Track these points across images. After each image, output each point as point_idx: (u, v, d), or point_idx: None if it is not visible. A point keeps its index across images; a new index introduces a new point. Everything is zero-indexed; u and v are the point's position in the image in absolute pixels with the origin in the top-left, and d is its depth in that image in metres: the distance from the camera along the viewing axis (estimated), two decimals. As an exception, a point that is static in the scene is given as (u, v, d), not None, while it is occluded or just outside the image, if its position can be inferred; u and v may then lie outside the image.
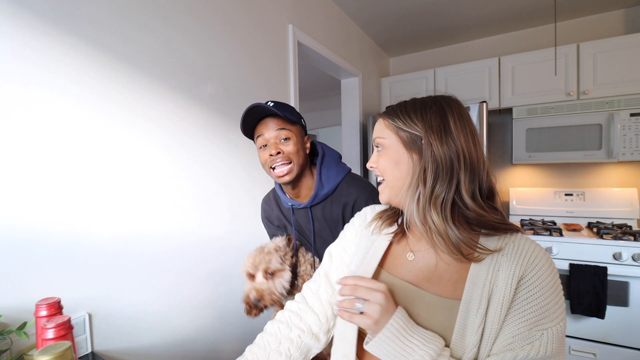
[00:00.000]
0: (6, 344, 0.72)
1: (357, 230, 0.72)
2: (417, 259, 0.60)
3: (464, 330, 0.51)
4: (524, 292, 0.50)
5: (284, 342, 0.68)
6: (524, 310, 0.49)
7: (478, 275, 0.53)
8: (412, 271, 0.60)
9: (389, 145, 0.61)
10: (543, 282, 0.50)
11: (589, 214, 2.24)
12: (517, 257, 0.52)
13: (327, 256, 0.75)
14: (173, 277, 1.12)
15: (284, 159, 0.91)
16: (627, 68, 1.97)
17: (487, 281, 0.51)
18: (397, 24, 2.46)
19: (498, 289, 0.51)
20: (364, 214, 0.74)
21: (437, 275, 0.57)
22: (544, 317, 0.49)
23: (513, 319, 0.50)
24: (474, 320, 0.50)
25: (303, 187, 0.98)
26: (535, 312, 0.49)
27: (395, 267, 0.62)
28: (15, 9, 0.75)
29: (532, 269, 0.51)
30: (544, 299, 0.49)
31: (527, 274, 0.51)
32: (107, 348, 0.93)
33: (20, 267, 0.77)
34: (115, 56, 0.95)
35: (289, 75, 1.71)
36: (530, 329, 0.49)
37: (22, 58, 0.76)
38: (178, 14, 1.13)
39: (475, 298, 0.51)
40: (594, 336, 1.80)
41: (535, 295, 0.50)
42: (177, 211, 1.13)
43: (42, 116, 0.80)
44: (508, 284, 0.50)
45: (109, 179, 0.93)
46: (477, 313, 0.50)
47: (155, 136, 1.06)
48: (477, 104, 2.17)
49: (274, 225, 1.13)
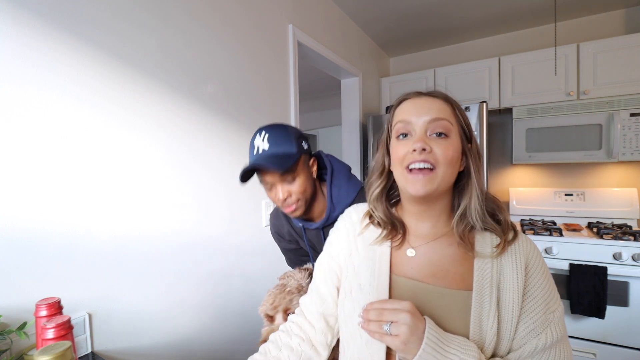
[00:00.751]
0: (6, 344, 0.72)
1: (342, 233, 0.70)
2: (418, 255, 0.60)
3: (480, 320, 0.52)
4: (533, 279, 0.53)
5: (284, 350, 0.68)
6: (536, 296, 0.52)
7: (484, 265, 0.55)
8: (414, 267, 0.59)
9: (454, 134, 0.56)
10: (543, 269, 0.54)
11: (589, 214, 2.24)
12: (517, 247, 0.55)
13: (316, 268, 0.74)
14: (173, 277, 1.12)
15: (294, 200, 0.86)
16: (627, 68, 1.97)
17: (494, 270, 0.54)
18: (397, 24, 2.46)
19: (506, 277, 0.53)
20: (348, 216, 0.72)
21: (442, 270, 0.57)
22: (550, 299, 0.53)
23: (530, 306, 0.52)
24: (489, 309, 0.52)
25: (314, 210, 0.94)
26: (544, 297, 0.52)
27: (398, 267, 0.60)
28: (15, 9, 0.75)
29: (534, 256, 0.55)
30: (549, 283, 0.54)
31: (530, 262, 0.54)
32: (107, 348, 0.93)
33: (20, 267, 0.77)
34: (115, 56, 0.95)
35: (289, 75, 1.71)
36: (545, 313, 0.52)
37: (22, 58, 0.76)
38: (178, 14, 1.13)
39: (486, 286, 0.53)
40: (594, 336, 1.80)
41: (541, 280, 0.53)
42: (177, 211, 1.13)
43: (42, 116, 0.80)
44: (518, 271, 0.53)
45: (109, 179, 0.93)
46: (490, 301, 0.52)
47: (155, 136, 1.06)
48: (477, 104, 2.17)
49: (285, 240, 1.10)
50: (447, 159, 0.54)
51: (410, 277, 0.58)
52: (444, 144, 0.54)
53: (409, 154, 0.55)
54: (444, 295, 0.55)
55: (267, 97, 1.56)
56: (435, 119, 0.55)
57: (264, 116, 1.54)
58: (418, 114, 0.56)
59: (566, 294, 1.84)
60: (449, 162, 0.54)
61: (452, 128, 0.55)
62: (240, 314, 1.39)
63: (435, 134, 0.55)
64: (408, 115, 0.57)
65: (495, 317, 0.51)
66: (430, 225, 0.61)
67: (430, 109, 0.56)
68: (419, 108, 0.57)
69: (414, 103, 0.58)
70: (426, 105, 0.56)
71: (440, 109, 0.56)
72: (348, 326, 0.62)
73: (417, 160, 0.54)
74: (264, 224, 1.52)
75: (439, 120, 0.55)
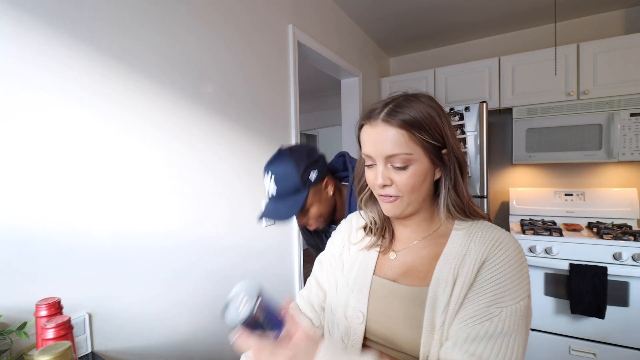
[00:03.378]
0: (6, 344, 0.72)
1: (342, 234, 0.75)
2: (397, 258, 0.64)
3: (433, 311, 0.53)
4: (485, 273, 0.53)
5: None
6: (484, 289, 0.52)
7: (446, 261, 0.56)
8: (392, 269, 0.63)
9: (415, 161, 0.56)
10: (506, 264, 0.52)
11: (589, 214, 2.24)
12: (484, 242, 0.55)
13: (317, 264, 0.76)
14: (173, 277, 1.12)
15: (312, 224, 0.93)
16: (627, 68, 1.97)
17: (454, 265, 0.55)
18: (397, 24, 2.46)
19: (463, 271, 0.54)
20: (349, 220, 0.77)
21: (412, 269, 0.61)
22: (503, 295, 0.51)
23: (472, 298, 0.52)
24: (442, 300, 0.53)
25: (337, 217, 0.97)
26: (494, 291, 0.51)
27: (380, 268, 0.65)
28: (15, 10, 0.75)
29: (497, 252, 0.54)
30: (505, 279, 0.52)
31: (491, 257, 0.54)
32: (107, 348, 0.93)
33: (21, 267, 0.77)
34: (115, 57, 0.95)
35: (289, 75, 1.71)
36: (489, 306, 0.50)
37: (22, 59, 0.76)
38: (178, 14, 1.13)
39: (442, 280, 0.54)
40: (594, 336, 1.80)
41: (496, 275, 0.52)
42: (177, 211, 1.13)
43: (41, 116, 0.80)
44: (471, 265, 0.53)
45: (109, 179, 0.93)
46: (443, 294, 0.53)
47: (155, 136, 1.06)
48: (477, 104, 2.17)
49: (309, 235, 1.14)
50: (408, 189, 0.57)
51: (387, 278, 0.62)
52: (404, 175, 0.56)
53: (375, 186, 0.59)
54: (406, 292, 0.58)
55: (267, 97, 1.56)
56: (390, 155, 0.56)
57: (264, 116, 1.54)
58: (374, 146, 0.57)
59: (566, 294, 1.84)
60: (411, 191, 0.57)
61: (412, 157, 0.55)
62: (240, 314, 1.39)
63: (394, 167, 0.57)
64: (368, 147, 0.58)
65: (446, 306, 0.52)
66: (411, 230, 0.65)
67: (385, 142, 0.55)
68: (375, 140, 0.57)
69: (370, 133, 0.58)
70: (381, 137, 0.56)
71: (395, 142, 0.55)
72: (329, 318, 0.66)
73: (381, 193, 0.59)
74: (264, 224, 1.52)
75: (395, 157, 0.55)
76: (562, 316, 1.87)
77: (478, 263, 0.53)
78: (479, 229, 0.58)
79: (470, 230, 0.59)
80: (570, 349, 1.86)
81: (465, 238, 0.58)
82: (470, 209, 0.61)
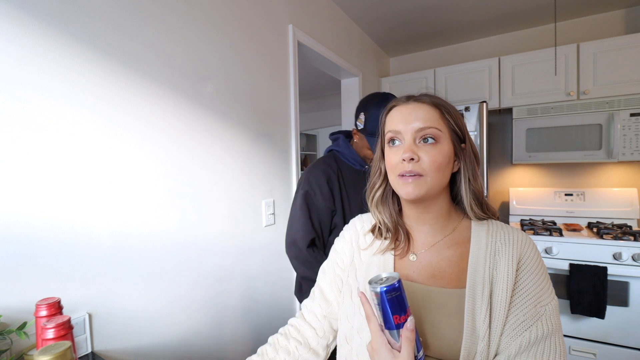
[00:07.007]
0: (6, 344, 0.72)
1: (347, 241, 0.72)
2: (419, 260, 0.62)
3: (473, 315, 0.53)
4: (524, 274, 0.54)
5: (280, 353, 0.68)
6: (528, 291, 0.53)
7: (477, 262, 0.56)
8: (416, 271, 0.61)
9: (443, 139, 0.57)
10: (538, 263, 0.55)
11: (589, 214, 2.24)
12: (512, 242, 0.57)
13: (321, 273, 0.75)
14: (173, 277, 1.12)
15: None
16: (627, 68, 1.97)
17: (487, 266, 0.55)
18: (397, 24, 2.46)
19: (499, 272, 0.54)
20: (353, 226, 0.74)
21: (440, 271, 0.59)
22: (542, 294, 0.53)
23: (519, 302, 0.52)
24: (481, 304, 0.52)
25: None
26: (536, 291, 0.53)
27: (400, 270, 0.62)
28: (15, 10, 0.75)
29: (527, 251, 0.56)
30: (541, 278, 0.54)
31: (524, 257, 0.55)
32: (107, 348, 0.93)
33: (20, 267, 0.77)
34: (114, 57, 0.95)
35: (289, 75, 1.71)
36: (535, 306, 0.52)
37: (21, 59, 0.76)
38: (178, 13, 1.13)
39: (478, 283, 0.54)
40: (594, 336, 1.80)
41: (533, 274, 0.54)
42: (177, 211, 1.13)
43: (41, 117, 0.80)
44: (509, 266, 0.54)
45: (109, 179, 0.93)
46: (482, 296, 0.53)
47: (154, 136, 1.06)
48: (477, 104, 2.17)
49: (324, 196, 1.23)
50: (435, 166, 0.56)
51: (412, 280, 0.60)
52: (432, 151, 0.56)
53: (399, 164, 0.57)
54: (441, 295, 0.56)
55: (267, 97, 1.56)
56: (422, 128, 0.57)
57: (264, 116, 1.54)
58: (406, 121, 0.58)
59: (566, 294, 1.84)
60: (437, 169, 0.56)
61: (441, 134, 0.57)
62: (240, 313, 1.39)
63: (424, 140, 0.57)
64: (397, 123, 0.59)
65: (487, 311, 0.52)
66: (429, 228, 0.63)
67: (417, 117, 0.57)
68: (406, 116, 0.58)
69: (402, 111, 0.60)
70: (413, 112, 0.58)
71: (427, 117, 0.57)
72: (346, 327, 0.63)
73: (406, 170, 0.57)
74: (264, 224, 1.52)
75: (426, 129, 0.57)
76: (562, 316, 1.87)
77: (515, 263, 0.54)
78: (498, 228, 0.59)
79: (489, 229, 0.59)
80: (570, 349, 1.86)
81: (488, 237, 0.58)
82: (487, 205, 0.62)
